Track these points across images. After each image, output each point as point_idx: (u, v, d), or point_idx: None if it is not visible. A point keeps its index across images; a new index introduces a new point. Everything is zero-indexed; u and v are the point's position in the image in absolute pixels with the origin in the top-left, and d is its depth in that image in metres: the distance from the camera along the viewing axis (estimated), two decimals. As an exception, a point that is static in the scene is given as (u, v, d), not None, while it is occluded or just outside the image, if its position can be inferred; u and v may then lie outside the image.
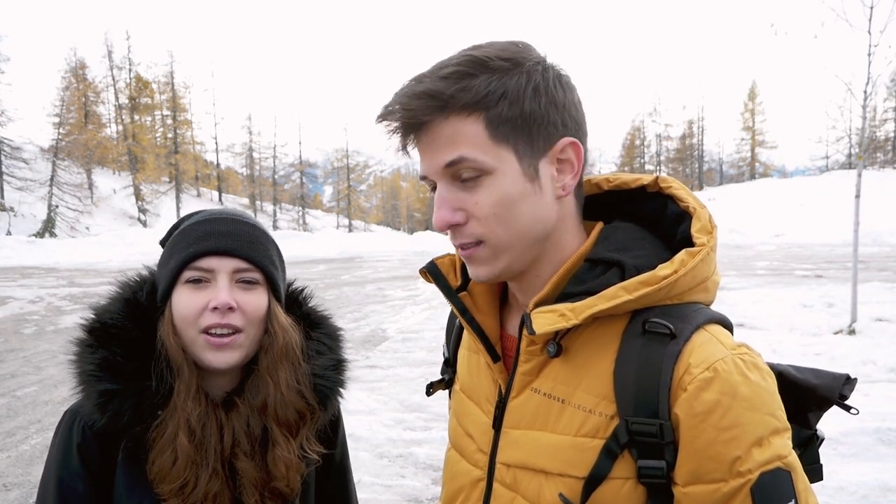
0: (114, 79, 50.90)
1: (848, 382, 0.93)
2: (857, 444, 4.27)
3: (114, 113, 52.39)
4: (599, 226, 0.94)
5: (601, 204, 0.99)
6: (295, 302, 1.29)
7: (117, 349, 1.09)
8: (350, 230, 58.78)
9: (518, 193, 0.83)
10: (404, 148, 0.86)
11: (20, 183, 36.38)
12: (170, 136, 49.94)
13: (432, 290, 13.43)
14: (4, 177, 36.13)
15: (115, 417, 1.06)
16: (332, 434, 1.30)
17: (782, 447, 0.76)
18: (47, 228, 34.49)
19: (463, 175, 0.83)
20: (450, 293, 0.97)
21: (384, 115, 0.84)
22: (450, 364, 1.15)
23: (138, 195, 44.06)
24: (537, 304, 0.88)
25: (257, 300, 1.14)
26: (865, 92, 8.03)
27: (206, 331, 1.09)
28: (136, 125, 49.92)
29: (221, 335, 1.09)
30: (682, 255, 0.84)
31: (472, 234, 0.85)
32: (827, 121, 70.25)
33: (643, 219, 0.95)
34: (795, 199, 42.42)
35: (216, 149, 57.11)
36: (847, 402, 0.94)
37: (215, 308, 1.08)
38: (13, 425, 5.15)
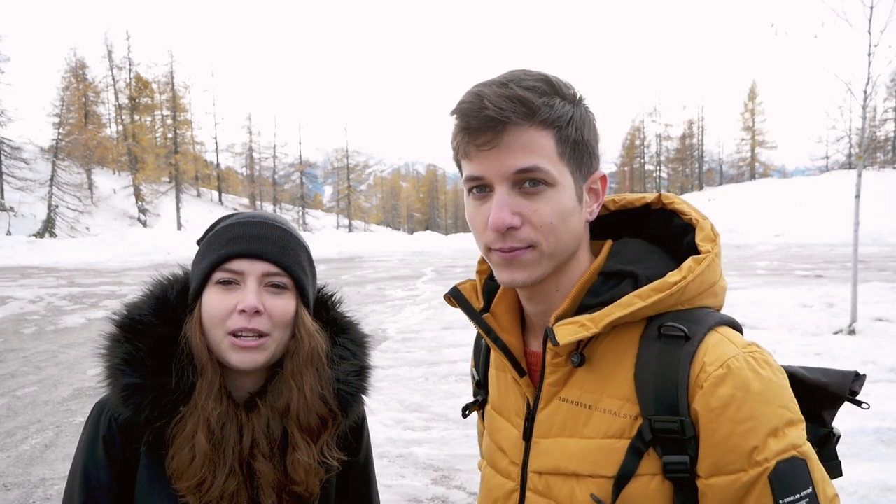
0: (114, 79, 50.92)
1: (857, 379, 0.98)
2: (857, 444, 4.26)
3: (114, 113, 52.39)
4: (609, 243, 1.01)
5: (608, 223, 1.07)
6: (323, 306, 1.29)
7: (141, 345, 1.11)
8: (350, 230, 58.77)
9: (571, 209, 0.91)
10: (472, 147, 0.89)
11: (20, 183, 36.36)
12: (170, 136, 49.91)
13: (432, 290, 13.43)
14: (4, 177, 36.11)
15: (136, 411, 1.08)
16: (355, 440, 1.30)
17: (798, 437, 0.81)
18: (47, 228, 34.48)
19: (527, 183, 0.88)
20: (474, 316, 1.03)
21: (467, 111, 0.87)
22: (481, 385, 1.19)
23: (138, 195, 44.04)
24: (558, 318, 0.93)
25: (285, 304, 1.14)
26: (865, 92, 8.03)
27: (232, 333, 1.10)
28: (136, 125, 49.88)
29: (247, 338, 1.10)
30: (689, 262, 0.91)
31: (524, 239, 0.89)
32: (827, 121, 70.21)
33: (649, 234, 1.03)
34: (795, 199, 42.40)
35: (216, 149, 57.14)
36: (858, 398, 0.99)
37: (242, 311, 1.09)
38: (13, 425, 5.15)
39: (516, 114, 0.85)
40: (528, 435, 0.98)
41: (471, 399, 1.21)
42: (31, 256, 21.97)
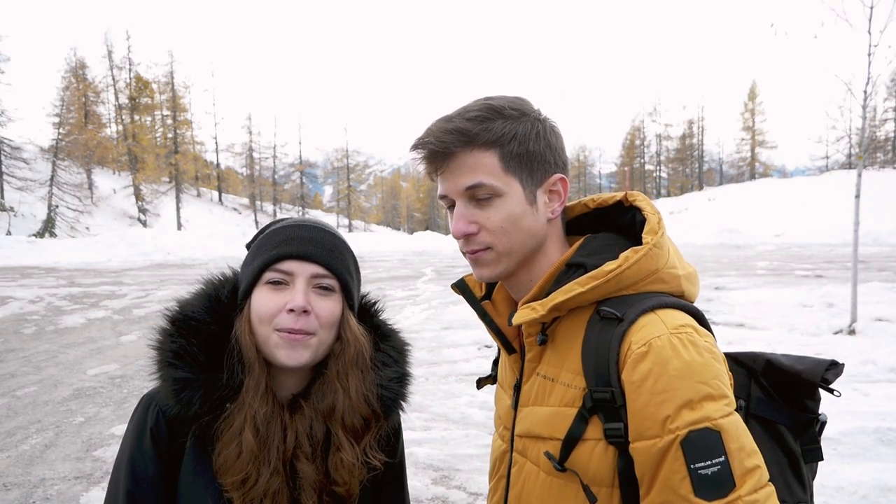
0: (114, 79, 50.92)
1: (833, 367, 1.07)
2: (857, 444, 4.27)
3: (114, 113, 52.38)
4: (582, 238, 1.13)
5: (594, 220, 1.20)
6: (367, 313, 1.32)
7: (194, 340, 1.14)
8: (350, 230, 58.77)
9: (520, 213, 1.05)
10: (432, 173, 1.08)
11: (20, 183, 36.34)
12: (170, 136, 49.91)
13: (432, 290, 13.42)
14: (4, 177, 36.09)
15: (186, 405, 1.11)
16: (394, 443, 1.34)
17: (714, 411, 0.89)
18: (47, 228, 34.48)
19: (478, 196, 1.04)
20: (474, 302, 1.20)
21: (418, 146, 1.06)
22: (497, 364, 1.35)
23: (138, 195, 44.04)
24: (525, 303, 1.08)
25: (332, 306, 1.17)
26: (865, 92, 8.03)
27: (280, 331, 1.13)
28: (136, 125, 49.89)
29: (295, 334, 1.13)
30: (627, 252, 1.02)
31: (482, 242, 1.06)
32: (827, 121, 70.16)
33: (621, 229, 1.15)
34: (795, 199, 42.40)
35: (216, 149, 57.13)
36: (831, 386, 1.07)
37: (291, 310, 1.12)
38: (13, 425, 5.15)
39: (455, 143, 1.03)
40: (515, 404, 1.14)
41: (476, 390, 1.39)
42: (31, 256, 21.97)
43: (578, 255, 1.08)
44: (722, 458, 0.87)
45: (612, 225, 1.17)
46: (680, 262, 1.08)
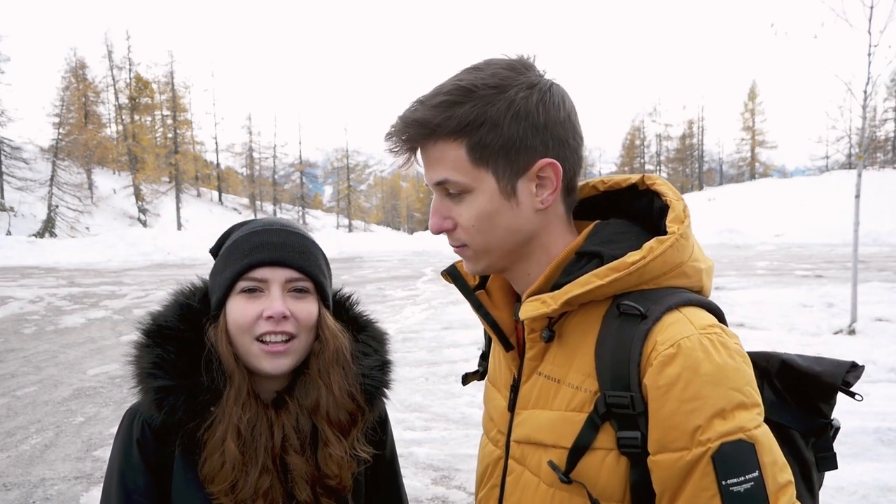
0: (114, 79, 50.88)
1: (853, 370, 0.97)
2: (857, 444, 4.27)
3: (114, 113, 52.35)
4: (592, 224, 1.01)
5: (601, 203, 1.08)
6: (342, 307, 1.33)
7: (170, 347, 1.14)
8: (350, 230, 58.75)
9: (493, 210, 0.94)
10: (407, 162, 0.98)
11: (20, 183, 36.33)
12: (170, 136, 49.90)
13: (432, 290, 13.42)
14: (4, 177, 36.08)
15: (170, 412, 1.11)
16: (382, 433, 1.34)
17: (748, 421, 0.80)
18: (47, 228, 34.47)
19: (450, 190, 0.95)
20: (467, 291, 1.08)
21: (387, 138, 0.97)
22: (485, 358, 1.25)
23: (138, 195, 44.03)
24: (529, 295, 0.97)
25: (309, 308, 1.18)
26: (865, 92, 8.03)
27: (260, 338, 1.14)
28: (136, 125, 49.87)
29: (276, 342, 1.14)
30: (651, 242, 0.91)
31: (458, 239, 0.98)
32: (827, 121, 70.11)
33: (636, 215, 1.03)
34: (795, 199, 42.39)
35: (216, 149, 57.13)
36: (852, 389, 0.97)
37: (269, 317, 1.13)
38: (13, 425, 5.15)
39: (417, 137, 0.93)
40: (512, 406, 1.04)
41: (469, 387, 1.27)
42: (31, 256, 21.96)
43: (590, 243, 0.97)
44: (756, 474, 0.78)
45: (624, 210, 1.05)
46: (701, 254, 0.97)
